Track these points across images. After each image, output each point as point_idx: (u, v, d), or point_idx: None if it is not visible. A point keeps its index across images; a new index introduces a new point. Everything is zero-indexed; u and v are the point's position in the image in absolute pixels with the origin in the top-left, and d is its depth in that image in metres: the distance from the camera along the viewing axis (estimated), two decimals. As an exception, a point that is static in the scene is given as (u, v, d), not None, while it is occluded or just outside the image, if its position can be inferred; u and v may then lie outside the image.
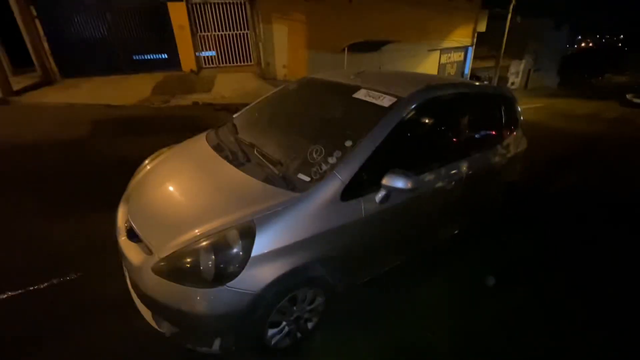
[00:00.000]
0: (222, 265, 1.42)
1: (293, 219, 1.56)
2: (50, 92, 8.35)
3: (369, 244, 1.90)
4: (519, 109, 2.97)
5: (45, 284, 2.22)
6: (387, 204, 1.80)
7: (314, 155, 1.81)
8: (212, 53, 10.59)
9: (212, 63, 10.68)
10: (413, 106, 1.96)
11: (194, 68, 10.35)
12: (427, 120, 2.12)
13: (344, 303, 2.06)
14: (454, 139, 2.31)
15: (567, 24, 16.24)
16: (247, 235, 1.46)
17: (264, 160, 1.87)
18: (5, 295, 2.12)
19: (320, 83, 2.48)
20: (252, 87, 10.00)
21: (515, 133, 2.84)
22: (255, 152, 1.95)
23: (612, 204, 4.01)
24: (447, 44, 13.98)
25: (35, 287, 2.19)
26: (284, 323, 1.73)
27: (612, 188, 4.46)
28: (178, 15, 9.71)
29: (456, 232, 2.66)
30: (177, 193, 1.84)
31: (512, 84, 17.17)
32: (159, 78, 9.63)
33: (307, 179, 1.70)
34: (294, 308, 1.72)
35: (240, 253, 1.44)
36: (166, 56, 10.32)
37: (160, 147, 2.54)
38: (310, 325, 1.88)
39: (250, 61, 11.00)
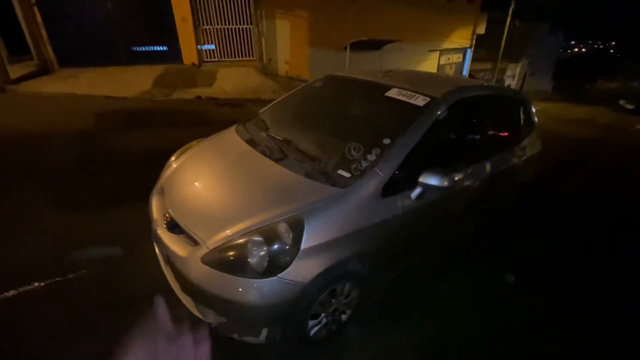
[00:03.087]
0: (273, 257, 1.46)
1: (338, 214, 1.60)
2: (48, 81, 8.17)
3: (403, 240, 1.95)
4: (534, 112, 3.06)
5: (74, 275, 2.22)
6: (422, 201, 1.86)
7: (353, 152, 1.85)
8: (213, 47, 10.49)
9: (214, 57, 10.58)
10: (446, 106, 2.01)
11: (196, 61, 10.24)
12: (457, 121, 2.17)
13: (373, 296, 2.12)
14: (480, 139, 2.38)
15: (562, 29, 16.55)
16: (297, 228, 1.49)
17: (303, 156, 1.90)
18: (31, 287, 2.11)
19: (349, 81, 2.51)
20: (254, 83, 9.96)
21: (531, 135, 2.92)
22: (292, 148, 1.99)
23: (614, 205, 4.16)
24: (446, 45, 14.11)
25: (65, 277, 2.19)
26: (323, 315, 1.77)
27: (613, 190, 4.62)
28: (180, 7, 9.59)
29: (475, 229, 2.74)
30: (218, 186, 1.86)
31: (509, 86, 17.41)
32: (160, 70, 9.50)
33: (348, 175, 1.75)
34: (333, 300, 1.76)
35: (291, 245, 1.47)
36: (167, 48, 10.19)
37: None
38: (344, 317, 1.93)
39: (252, 56, 10.94)
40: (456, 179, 2.08)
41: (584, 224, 3.60)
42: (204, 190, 1.86)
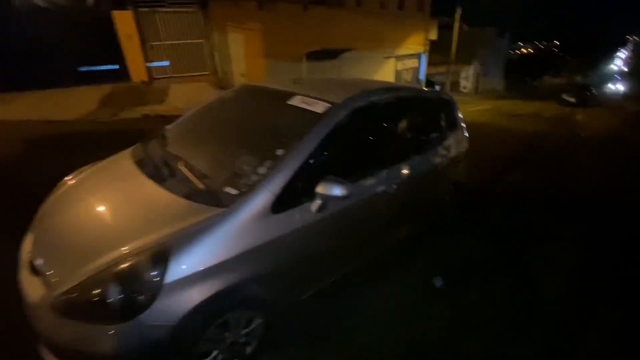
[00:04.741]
0: (130, 297, 1.26)
1: (217, 237, 1.43)
2: (-24, 109, 7.53)
3: (310, 256, 1.80)
4: (457, 111, 3.05)
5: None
6: (325, 212, 1.73)
7: (244, 166, 1.70)
8: (165, 63, 10.17)
9: (166, 73, 10.23)
10: (347, 112, 1.91)
11: (145, 79, 9.85)
12: (363, 125, 2.08)
13: (288, 320, 1.95)
14: (392, 143, 2.30)
15: (508, 32, 17.58)
16: (160, 259, 1.31)
17: (188, 175, 1.72)
18: None
19: (257, 90, 2.39)
20: (208, 97, 9.64)
21: (455, 134, 2.90)
22: (180, 165, 1.80)
23: (556, 197, 4.26)
24: (401, 51, 14.53)
25: None
26: (216, 352, 1.58)
27: (555, 181, 4.77)
28: (124, 24, 9.23)
29: (404, 235, 2.65)
30: (89, 216, 1.64)
31: (464, 87, 18.17)
32: (107, 90, 9.05)
33: (235, 192, 1.59)
34: (226, 334, 1.58)
35: (152, 280, 1.28)
36: (114, 67, 9.75)
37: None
38: (249, 349, 1.74)
39: (206, 70, 10.68)
40: (365, 185, 1.98)
41: (523, 221, 3.63)
42: (73, 223, 1.63)
